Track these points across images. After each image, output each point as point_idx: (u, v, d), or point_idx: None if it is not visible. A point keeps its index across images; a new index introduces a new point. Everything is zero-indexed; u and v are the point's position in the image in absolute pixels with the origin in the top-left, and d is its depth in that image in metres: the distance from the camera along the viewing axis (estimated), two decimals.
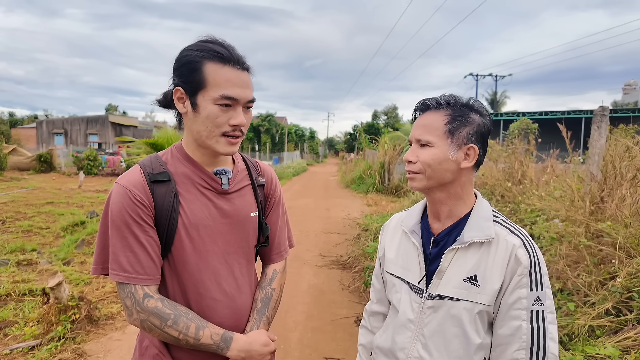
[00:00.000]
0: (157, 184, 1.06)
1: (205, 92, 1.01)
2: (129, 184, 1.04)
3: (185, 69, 1.03)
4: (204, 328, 1.05)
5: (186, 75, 1.03)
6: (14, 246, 5.66)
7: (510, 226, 1.05)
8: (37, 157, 18.73)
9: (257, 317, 1.19)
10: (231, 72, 1.03)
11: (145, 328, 1.03)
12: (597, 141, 3.94)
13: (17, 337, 3.21)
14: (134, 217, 1.02)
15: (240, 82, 1.04)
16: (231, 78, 1.02)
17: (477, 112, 1.05)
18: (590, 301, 2.74)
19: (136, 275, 1.02)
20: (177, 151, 1.13)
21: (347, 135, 60.74)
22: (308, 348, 3.21)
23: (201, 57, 1.02)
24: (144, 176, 1.06)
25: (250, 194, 1.21)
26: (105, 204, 1.06)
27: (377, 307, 1.29)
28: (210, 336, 1.05)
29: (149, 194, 1.04)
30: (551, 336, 0.98)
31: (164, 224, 1.05)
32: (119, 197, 1.03)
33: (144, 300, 1.02)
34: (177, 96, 1.06)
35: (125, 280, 1.02)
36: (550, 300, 1.00)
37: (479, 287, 1.00)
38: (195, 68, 1.01)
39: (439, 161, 1.02)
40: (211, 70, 1.01)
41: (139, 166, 1.09)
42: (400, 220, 1.21)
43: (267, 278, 1.28)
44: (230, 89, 1.02)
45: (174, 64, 1.06)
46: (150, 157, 1.12)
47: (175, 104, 1.07)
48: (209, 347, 1.05)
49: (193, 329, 1.03)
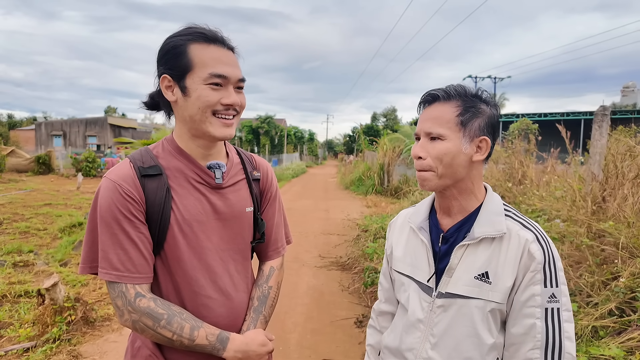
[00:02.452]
0: (148, 178, 1.02)
1: (193, 73, 0.98)
2: (118, 178, 0.99)
3: (170, 55, 1.00)
4: (199, 328, 1.01)
5: (172, 61, 1.00)
6: (11, 247, 5.61)
7: (523, 220, 1.01)
8: (35, 158, 18.67)
9: (254, 316, 1.15)
10: (217, 50, 1.01)
11: (138, 329, 0.98)
12: (599, 141, 3.92)
13: (12, 338, 3.16)
14: (124, 213, 0.98)
15: (228, 60, 1.02)
16: (218, 56, 1.00)
17: (486, 103, 1.00)
18: (593, 302, 2.71)
19: (127, 274, 0.98)
20: (169, 144, 1.09)
21: (347, 137, 60.87)
22: (307, 350, 3.17)
23: (185, 40, 0.99)
24: (134, 170, 1.02)
25: (245, 189, 1.17)
26: (93, 199, 1.02)
27: (385, 307, 1.25)
28: (206, 337, 1.01)
29: (140, 188, 1.00)
30: (567, 335, 0.93)
31: (156, 220, 1.01)
32: (108, 192, 0.98)
33: (136, 300, 0.97)
34: (165, 84, 1.02)
35: (116, 279, 0.97)
36: (566, 297, 0.95)
37: (490, 284, 0.96)
38: (180, 52, 0.99)
39: (452, 155, 0.96)
40: (197, 51, 0.99)
41: (129, 160, 1.05)
42: (408, 217, 1.17)
43: (263, 275, 1.24)
44: (219, 66, 0.99)
45: (158, 54, 1.03)
46: (141, 151, 1.08)
47: (164, 94, 1.03)
48: (204, 348, 1.01)
49: (187, 329, 0.99)
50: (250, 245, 1.20)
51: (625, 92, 44.27)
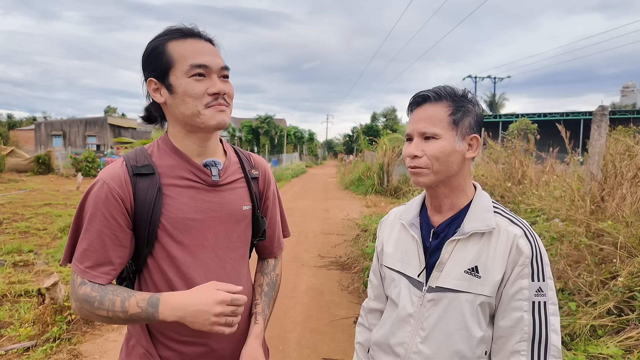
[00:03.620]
0: (140, 177, 1.02)
1: (174, 69, 1.00)
2: (107, 178, 1.01)
3: (151, 58, 1.02)
4: (129, 298, 0.96)
5: (154, 63, 1.01)
6: (11, 247, 5.62)
7: (511, 216, 1.04)
8: (35, 158, 18.67)
9: (266, 300, 1.22)
10: (195, 43, 1.03)
11: (83, 315, 1.00)
12: (597, 141, 3.93)
13: (12, 338, 3.17)
14: (104, 213, 0.99)
15: (206, 50, 1.03)
16: (196, 48, 1.02)
17: (472, 102, 1.04)
18: (592, 301, 2.72)
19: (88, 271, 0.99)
20: (163, 143, 1.09)
21: (346, 137, 60.88)
22: (307, 349, 3.18)
23: (162, 41, 1.02)
24: (126, 169, 1.03)
25: (243, 187, 1.17)
26: (84, 193, 1.03)
27: (374, 304, 1.26)
28: (137, 303, 0.95)
29: (129, 188, 1.01)
30: (553, 328, 0.96)
31: (146, 219, 1.01)
32: (95, 190, 1.00)
33: (78, 288, 0.98)
34: (152, 88, 1.03)
35: (79, 273, 0.99)
36: (552, 291, 0.98)
37: (480, 278, 0.99)
38: (159, 52, 1.01)
39: (447, 154, 0.99)
40: (175, 47, 1.00)
41: (122, 159, 1.06)
42: (399, 214, 1.20)
43: (269, 265, 1.31)
44: (198, 57, 1.00)
45: (142, 60, 1.05)
46: (136, 150, 1.09)
47: (153, 97, 1.04)
48: (139, 317, 0.95)
49: (119, 302, 0.95)
50: (248, 244, 1.21)
51: (625, 92, 44.27)
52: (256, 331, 1.15)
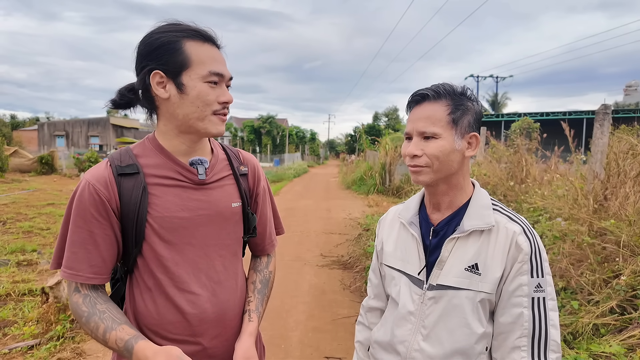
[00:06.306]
0: (124, 177, 1.02)
1: (190, 71, 0.99)
2: (92, 179, 1.00)
3: (163, 51, 0.99)
4: (111, 331, 0.96)
5: (165, 57, 0.99)
6: (15, 247, 5.65)
7: (510, 214, 1.04)
8: (38, 159, 18.75)
9: (259, 297, 1.21)
10: (212, 49, 1.03)
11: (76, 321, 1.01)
12: (600, 139, 3.92)
13: (17, 336, 3.19)
14: (93, 213, 0.99)
15: (221, 59, 1.05)
16: (213, 55, 1.03)
17: (471, 100, 1.04)
18: (594, 300, 2.71)
19: (81, 274, 0.99)
20: (150, 142, 1.09)
21: (348, 137, 60.82)
22: (309, 347, 3.19)
23: (180, 37, 1.00)
24: (110, 169, 1.02)
25: (232, 184, 1.16)
26: (70, 197, 1.03)
27: (374, 303, 1.27)
28: (115, 341, 0.96)
29: (114, 188, 1.01)
30: (552, 323, 0.97)
31: (132, 219, 1.01)
32: (81, 191, 1.00)
33: (72, 295, 1.00)
34: (157, 80, 1.00)
35: (70, 278, 0.99)
36: (551, 287, 0.99)
37: (480, 275, 0.99)
38: (175, 48, 0.99)
39: (447, 153, 0.99)
40: (193, 49, 1.00)
41: (107, 160, 1.06)
42: (398, 213, 1.19)
43: (262, 262, 1.31)
44: (216, 65, 1.01)
45: (144, 48, 1.01)
46: (121, 150, 1.09)
47: (154, 90, 1.01)
48: (117, 351, 0.97)
49: (102, 330, 0.96)
50: (240, 241, 1.20)
51: (628, 91, 44.10)
52: (250, 329, 1.14)
